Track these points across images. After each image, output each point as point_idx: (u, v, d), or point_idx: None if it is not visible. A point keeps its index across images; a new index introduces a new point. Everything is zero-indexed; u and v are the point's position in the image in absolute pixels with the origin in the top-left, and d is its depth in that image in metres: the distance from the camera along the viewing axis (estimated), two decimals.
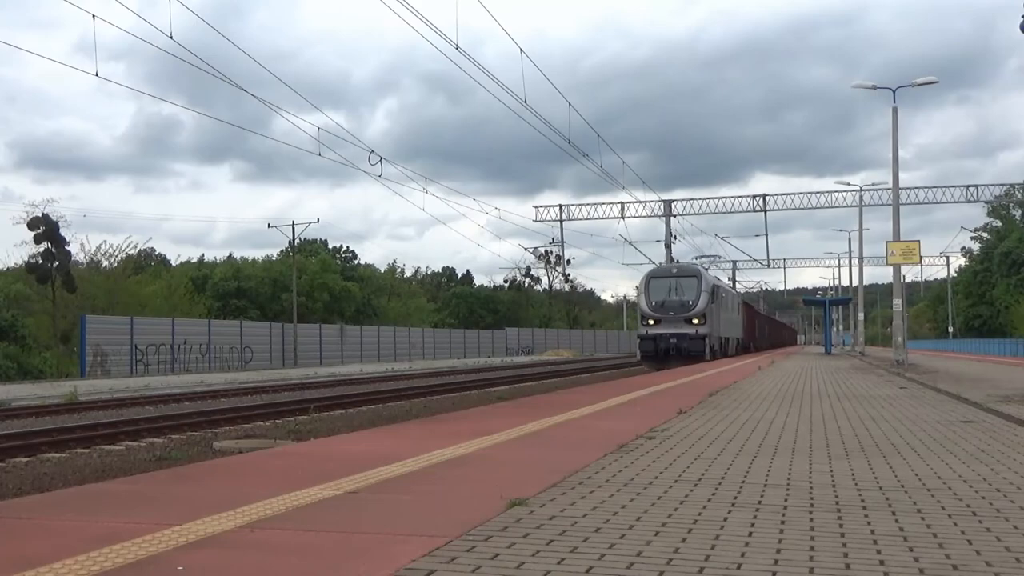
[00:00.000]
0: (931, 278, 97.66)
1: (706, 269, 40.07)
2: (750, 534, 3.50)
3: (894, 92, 26.25)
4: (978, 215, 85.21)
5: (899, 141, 26.57)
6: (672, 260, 50.48)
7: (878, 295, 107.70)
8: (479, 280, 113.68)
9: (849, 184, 68.33)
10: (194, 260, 77.83)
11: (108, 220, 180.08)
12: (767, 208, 48.83)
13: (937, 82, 26.73)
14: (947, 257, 78.15)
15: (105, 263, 51.00)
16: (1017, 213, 78.62)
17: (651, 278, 34.18)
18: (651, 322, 32.92)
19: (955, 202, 48.08)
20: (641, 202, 48.11)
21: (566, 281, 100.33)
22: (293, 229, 56.24)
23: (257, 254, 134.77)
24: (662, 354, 32.04)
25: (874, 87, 27.26)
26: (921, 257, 26.57)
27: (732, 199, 52.38)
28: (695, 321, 32.43)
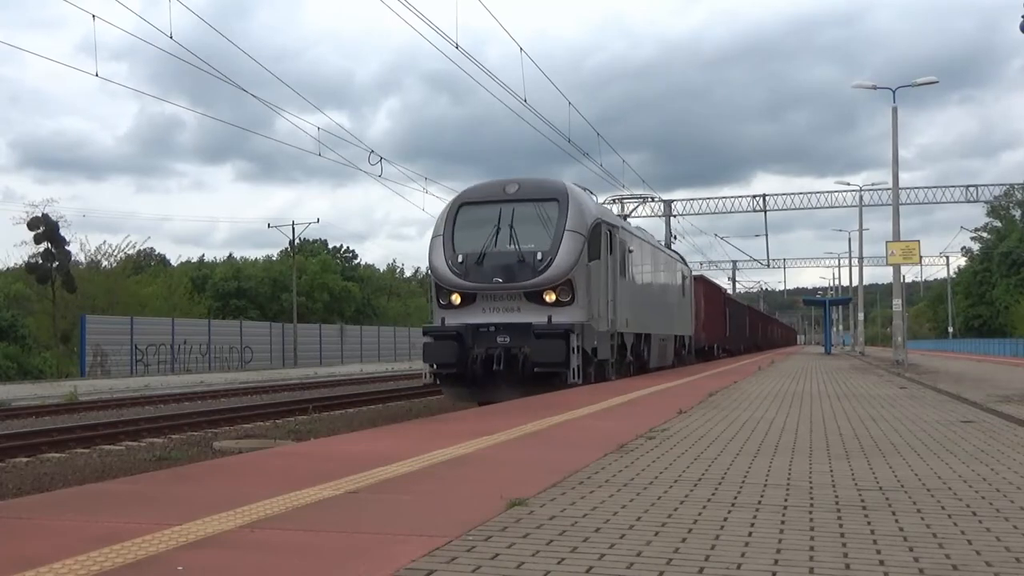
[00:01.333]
0: (931, 278, 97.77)
1: (606, 206, 21.35)
2: (750, 534, 3.50)
3: (894, 92, 26.27)
4: (979, 215, 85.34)
5: (901, 141, 26.67)
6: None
7: (878, 295, 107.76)
8: None
9: (849, 184, 68.56)
10: (194, 260, 77.90)
11: (109, 220, 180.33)
12: (767, 208, 48.86)
13: (937, 82, 26.76)
14: (947, 257, 78.21)
15: (105, 263, 51.06)
16: (1017, 213, 78.69)
17: (462, 206, 15.99)
18: (454, 300, 15.31)
19: (955, 202, 48.17)
20: (642, 202, 48.06)
21: None
22: (293, 229, 56.35)
23: (257, 254, 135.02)
24: (477, 369, 14.55)
25: (874, 87, 27.29)
26: (921, 257, 26.61)
27: (732, 199, 52.45)
28: (549, 298, 14.88)
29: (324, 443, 6.90)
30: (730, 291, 61.97)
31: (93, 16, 16.47)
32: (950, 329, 74.69)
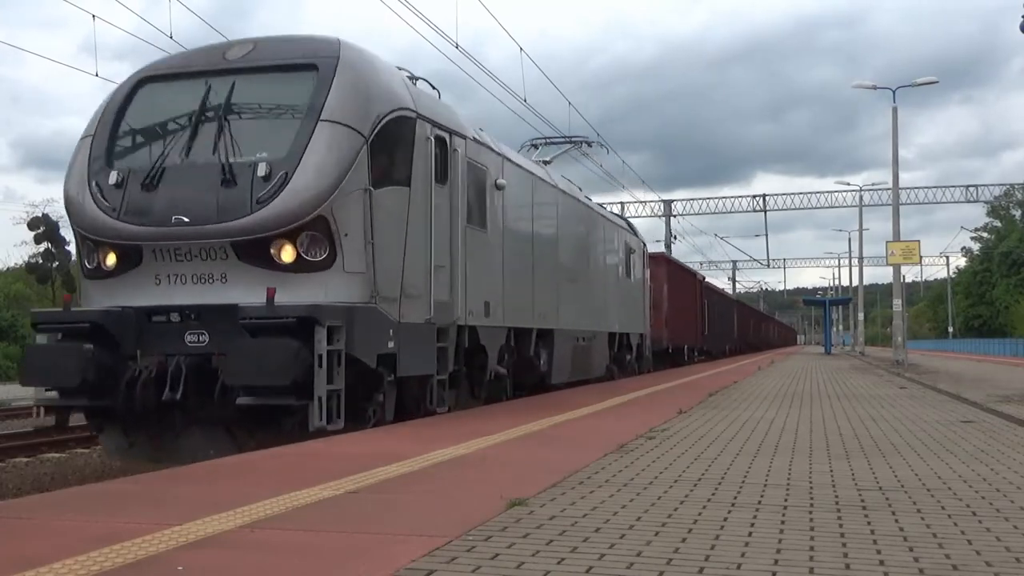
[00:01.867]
0: (931, 278, 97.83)
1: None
2: (750, 534, 3.50)
3: (894, 92, 26.27)
4: (980, 215, 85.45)
5: (902, 141, 26.67)
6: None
7: (878, 295, 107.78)
8: None
9: (849, 184, 68.59)
10: None
11: None
12: (767, 208, 48.91)
13: (937, 82, 26.77)
14: (947, 257, 78.25)
15: None
16: (1017, 213, 78.77)
17: (141, 84, 8.56)
18: (106, 261, 7.94)
19: (955, 202, 48.30)
20: (641, 202, 48.13)
21: None
22: None
23: None
24: (143, 399, 7.30)
25: (874, 87, 27.30)
26: (921, 257, 26.63)
27: (732, 199, 52.59)
28: (284, 254, 7.56)
29: (324, 443, 6.90)
30: (730, 291, 61.32)
31: (93, 16, 16.43)
32: (950, 329, 74.69)
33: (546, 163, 15.92)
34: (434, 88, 10.28)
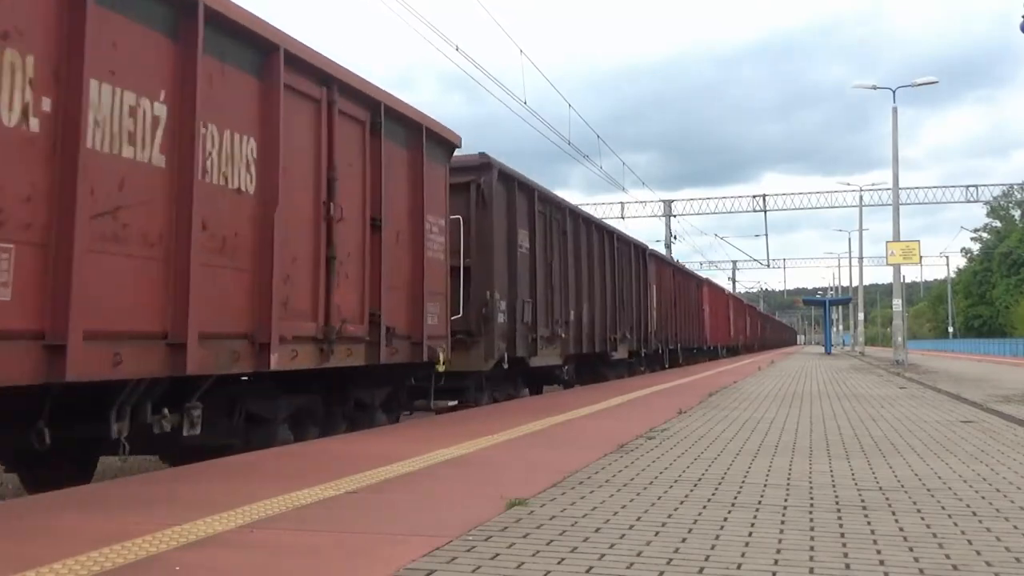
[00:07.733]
0: (931, 278, 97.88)
1: None
2: (750, 534, 3.50)
3: (894, 92, 26.30)
4: (983, 215, 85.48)
5: (911, 141, 26.85)
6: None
7: (878, 295, 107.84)
8: None
9: (849, 184, 68.57)
10: None
11: None
12: (767, 208, 48.95)
13: (937, 82, 26.81)
14: (947, 257, 78.33)
15: None
16: (1016, 213, 78.85)
17: None
18: None
19: (955, 202, 48.36)
20: (641, 202, 48.15)
21: None
22: None
23: None
24: None
25: (874, 87, 27.36)
26: (921, 257, 26.66)
27: (732, 199, 52.58)
28: None
29: (324, 443, 6.90)
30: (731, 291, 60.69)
31: None
32: (950, 329, 74.72)
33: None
34: None
